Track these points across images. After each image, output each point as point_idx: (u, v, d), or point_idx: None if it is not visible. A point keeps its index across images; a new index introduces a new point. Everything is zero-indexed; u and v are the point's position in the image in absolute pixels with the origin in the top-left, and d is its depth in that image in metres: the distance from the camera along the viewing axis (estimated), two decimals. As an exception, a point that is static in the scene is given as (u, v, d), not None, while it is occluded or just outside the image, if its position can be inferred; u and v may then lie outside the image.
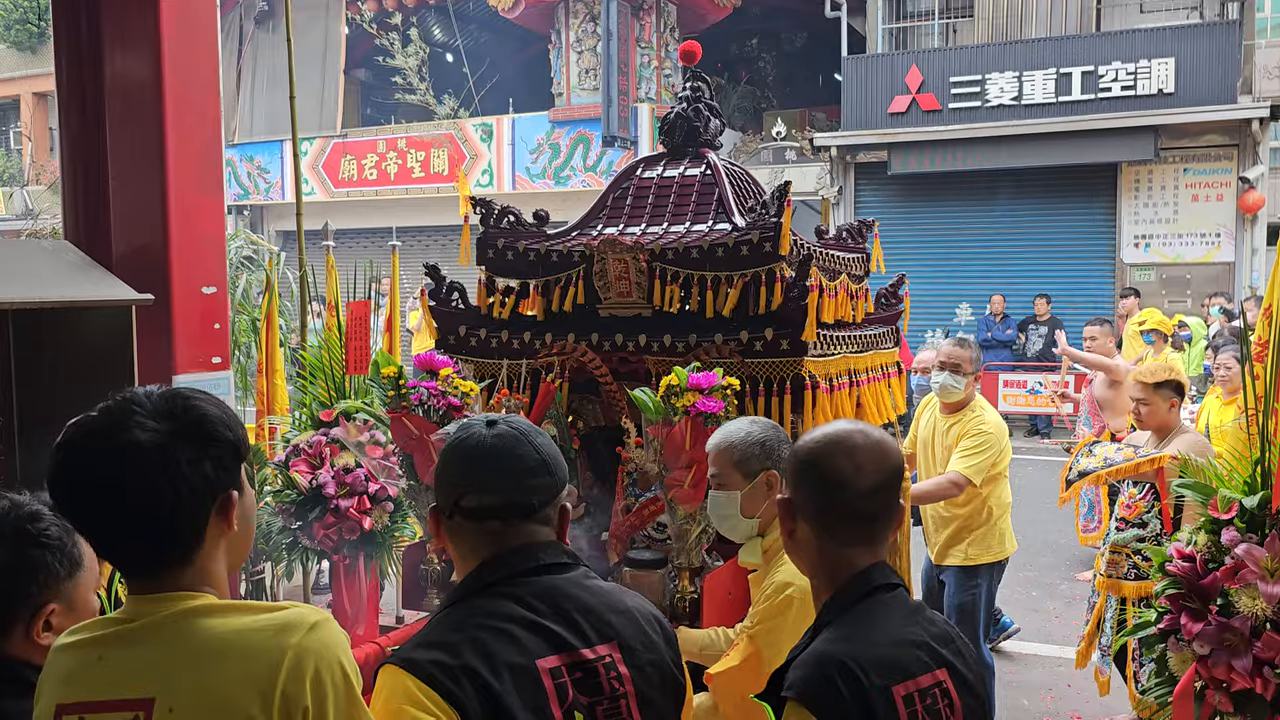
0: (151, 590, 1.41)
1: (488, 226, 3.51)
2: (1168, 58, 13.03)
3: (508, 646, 1.50)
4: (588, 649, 1.55)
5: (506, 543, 1.59)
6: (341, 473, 4.31)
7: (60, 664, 1.41)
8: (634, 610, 1.65)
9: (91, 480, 1.37)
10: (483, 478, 1.58)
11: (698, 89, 3.84)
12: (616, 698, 1.56)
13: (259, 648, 1.35)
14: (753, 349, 3.04)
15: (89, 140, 4.34)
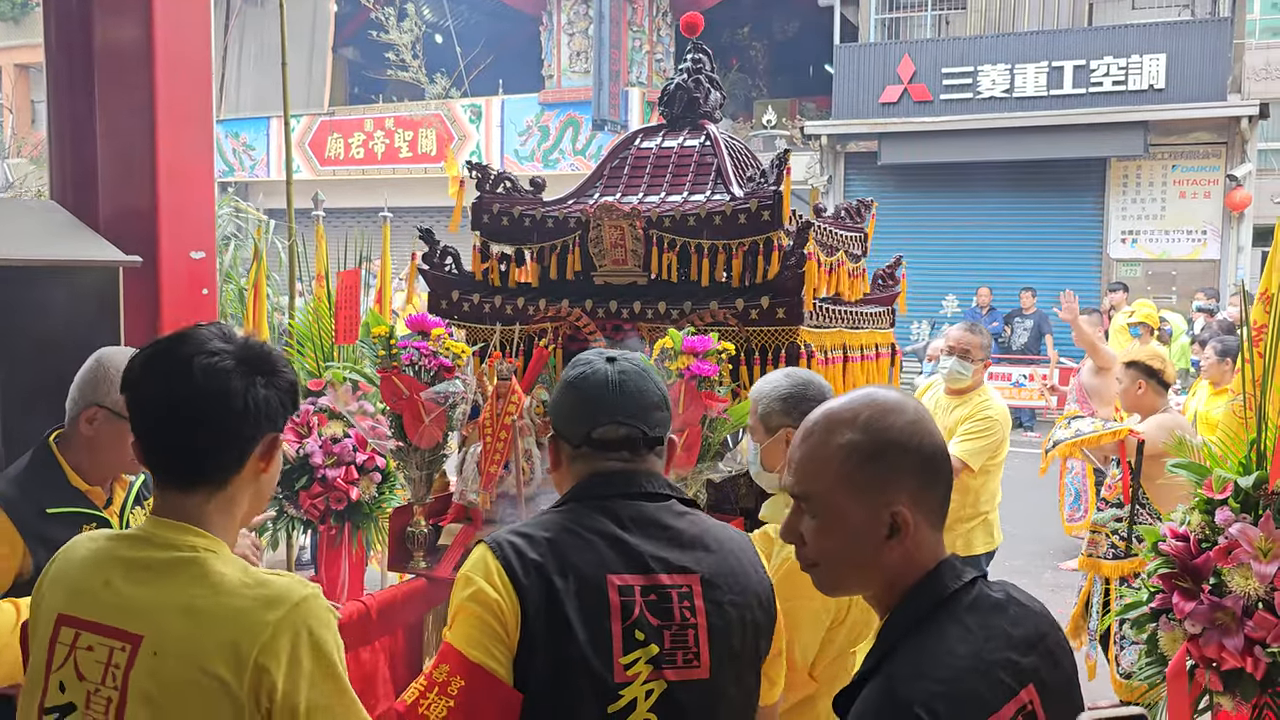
0: (174, 514, 1.49)
1: (483, 192, 3.46)
2: (1159, 53, 13.08)
3: (585, 555, 1.58)
4: (666, 575, 1.61)
5: (626, 470, 1.67)
6: (329, 442, 4.27)
7: (72, 571, 1.51)
8: (726, 551, 1.67)
9: (179, 387, 1.46)
10: (614, 412, 1.66)
11: (699, 60, 3.81)
12: (685, 627, 1.59)
13: (244, 617, 1.41)
14: (749, 317, 3.01)
15: (77, 100, 4.26)
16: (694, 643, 1.60)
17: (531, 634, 1.54)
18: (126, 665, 1.42)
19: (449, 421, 3.00)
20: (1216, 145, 13.45)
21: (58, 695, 1.46)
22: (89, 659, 1.44)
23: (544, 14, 16.64)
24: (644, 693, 1.56)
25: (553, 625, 1.54)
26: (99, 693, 1.42)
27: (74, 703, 1.45)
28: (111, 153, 4.24)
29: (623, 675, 1.55)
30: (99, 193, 4.23)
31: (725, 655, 1.61)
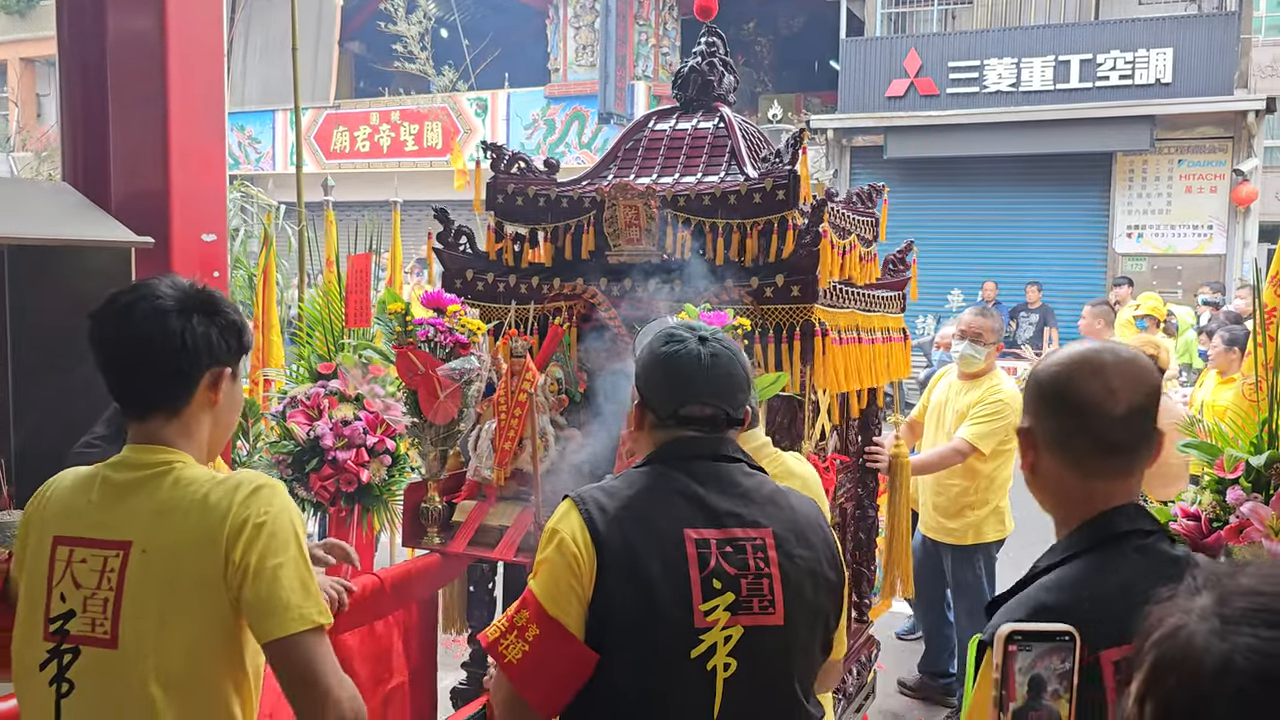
0: (143, 439, 1.70)
1: (498, 172, 3.47)
2: (1166, 48, 13.05)
3: (663, 509, 1.70)
4: (740, 529, 1.71)
5: (704, 439, 1.77)
6: (340, 425, 4.28)
7: (61, 497, 1.71)
8: (795, 510, 1.78)
9: (119, 325, 1.67)
10: (703, 392, 1.76)
11: (712, 44, 3.82)
12: (760, 576, 1.69)
13: (212, 507, 1.62)
14: (763, 295, 3.02)
15: (89, 84, 4.26)
16: (769, 591, 1.69)
17: (608, 586, 1.64)
18: (120, 568, 1.61)
19: (464, 398, 3.01)
20: (1223, 140, 13.43)
21: (59, 604, 1.64)
22: (84, 570, 1.63)
23: (550, 7, 16.64)
24: (723, 638, 1.65)
25: (632, 576, 1.64)
26: (95, 595, 1.62)
27: (73, 609, 1.63)
28: (124, 136, 4.25)
29: (702, 621, 1.65)
30: (111, 176, 4.24)
31: (798, 605, 1.71)
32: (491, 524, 3.05)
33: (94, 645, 1.61)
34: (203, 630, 1.60)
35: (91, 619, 1.62)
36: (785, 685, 1.72)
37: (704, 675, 1.65)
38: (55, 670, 1.63)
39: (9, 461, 3.98)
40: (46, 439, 4.06)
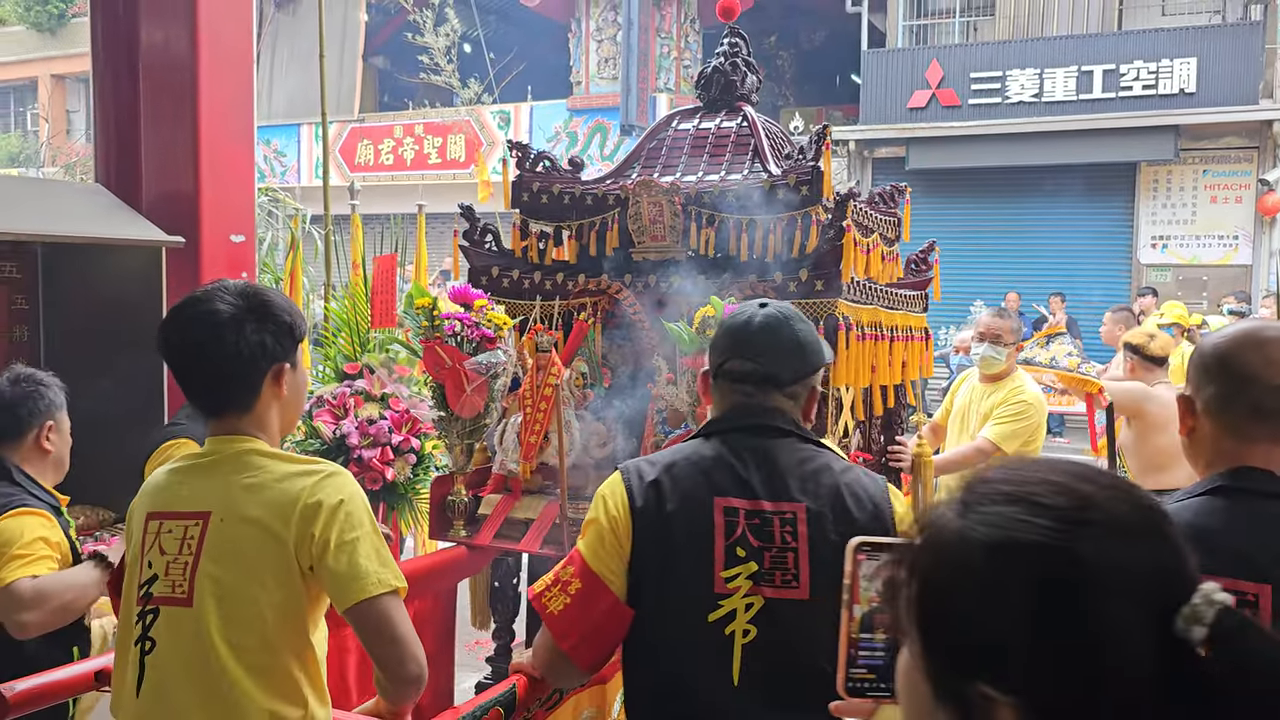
0: (221, 431, 1.87)
1: (523, 170, 3.51)
2: (1190, 57, 12.99)
3: (696, 479, 1.81)
4: (770, 502, 1.78)
5: (751, 404, 1.87)
6: (365, 424, 4.32)
7: (156, 482, 1.91)
8: (841, 486, 1.82)
9: (184, 334, 1.83)
10: (745, 349, 1.87)
11: (735, 44, 3.84)
12: (785, 550, 1.76)
13: (288, 484, 1.79)
14: (787, 289, 3.03)
15: (121, 85, 4.34)
16: (793, 565, 1.76)
17: (643, 548, 1.79)
18: (200, 535, 1.79)
19: (490, 391, 3.04)
20: (1248, 150, 13.34)
21: (147, 571, 1.82)
22: (169, 539, 1.81)
23: (573, 21, 16.75)
24: (744, 605, 1.75)
25: (661, 540, 1.78)
26: (176, 560, 1.79)
27: (157, 574, 1.80)
28: (155, 138, 4.33)
29: (722, 587, 1.75)
30: (142, 177, 4.32)
31: (826, 582, 1.71)
32: (517, 517, 3.07)
33: (172, 604, 1.78)
34: (266, 594, 1.76)
35: (172, 581, 1.78)
36: (809, 658, 1.72)
37: (722, 639, 1.74)
38: (140, 630, 1.79)
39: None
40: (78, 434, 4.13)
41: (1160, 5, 14.56)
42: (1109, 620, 0.76)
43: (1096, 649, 0.76)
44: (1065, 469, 0.84)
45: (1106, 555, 0.77)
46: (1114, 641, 0.76)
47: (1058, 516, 0.79)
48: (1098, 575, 0.76)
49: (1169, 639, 0.76)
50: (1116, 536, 0.78)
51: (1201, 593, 0.76)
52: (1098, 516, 0.79)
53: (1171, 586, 0.78)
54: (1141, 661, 0.75)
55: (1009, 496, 0.82)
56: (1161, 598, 0.77)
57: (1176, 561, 0.80)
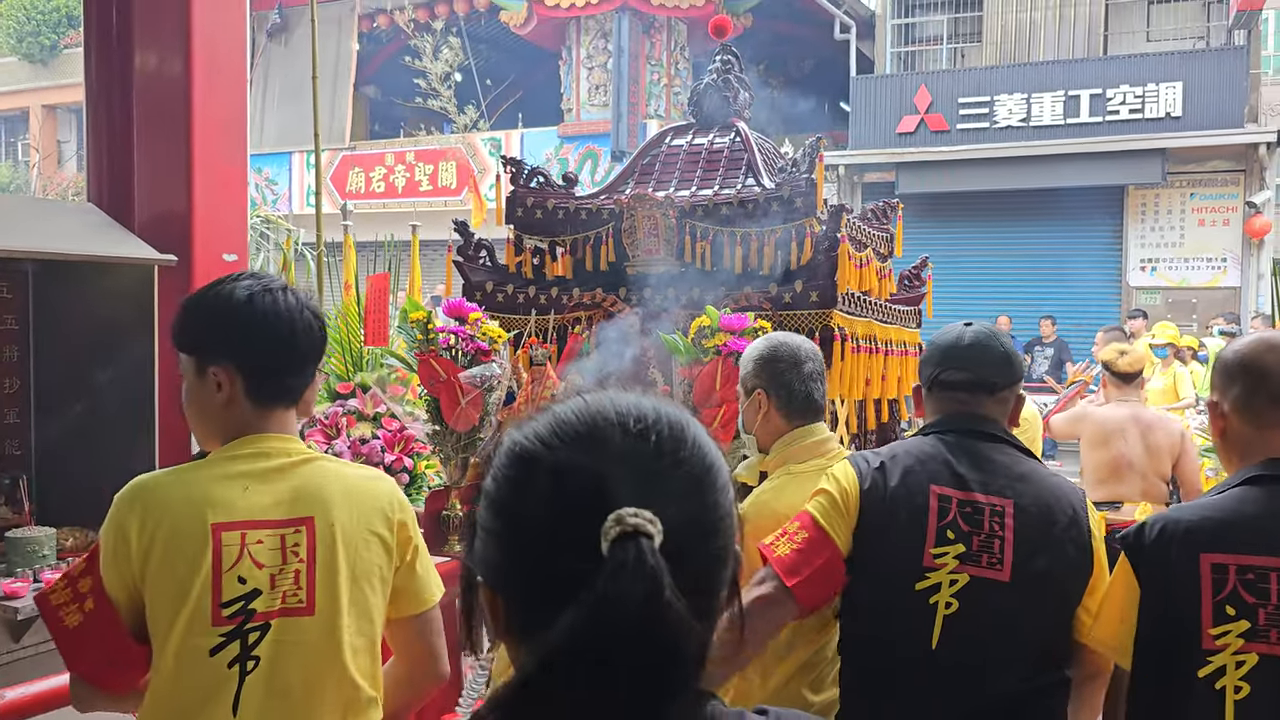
0: (268, 426, 1.78)
1: (517, 186, 3.51)
2: (1175, 81, 13.12)
3: (915, 468, 2.07)
4: (982, 494, 2.02)
5: (964, 410, 2.12)
6: (358, 443, 4.29)
7: (189, 491, 1.71)
8: (1046, 490, 2.05)
9: (269, 310, 1.76)
10: (958, 361, 2.12)
11: (727, 62, 3.87)
12: (993, 537, 2.00)
13: (378, 490, 1.83)
14: (782, 301, 3.04)
15: (115, 106, 4.34)
16: (999, 550, 1.99)
17: (867, 520, 2.06)
18: (309, 542, 1.72)
19: (485, 404, 3.02)
20: (1235, 173, 13.45)
21: (238, 587, 1.69)
22: (263, 550, 1.70)
23: (564, 49, 16.85)
24: (948, 579, 1.99)
25: (882, 515, 2.04)
26: (284, 570, 1.71)
27: (258, 588, 1.69)
28: (148, 158, 4.31)
29: (930, 561, 2.00)
30: (135, 197, 4.30)
31: (1029, 570, 1.98)
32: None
33: (291, 615, 1.71)
34: (377, 597, 1.78)
35: (283, 592, 1.71)
36: (1008, 637, 1.98)
37: (926, 607, 1.99)
38: (238, 650, 1.68)
39: (30, 477, 4.00)
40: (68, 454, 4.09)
41: (1145, 31, 14.72)
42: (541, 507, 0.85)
43: (531, 540, 0.85)
44: (609, 399, 0.90)
45: (554, 457, 0.85)
46: (545, 533, 0.84)
47: (539, 427, 0.89)
48: (541, 475, 0.85)
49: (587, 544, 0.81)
50: (570, 445, 0.86)
51: (615, 515, 0.80)
52: (557, 430, 0.87)
53: (602, 500, 0.82)
54: (571, 560, 0.81)
55: (532, 419, 0.91)
56: (592, 510, 0.81)
57: (609, 482, 0.84)
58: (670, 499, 0.84)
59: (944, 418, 2.14)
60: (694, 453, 0.88)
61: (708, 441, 0.90)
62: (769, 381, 2.46)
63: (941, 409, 2.16)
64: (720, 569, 0.88)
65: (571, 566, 0.80)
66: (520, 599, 0.87)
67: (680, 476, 0.86)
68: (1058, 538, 2.00)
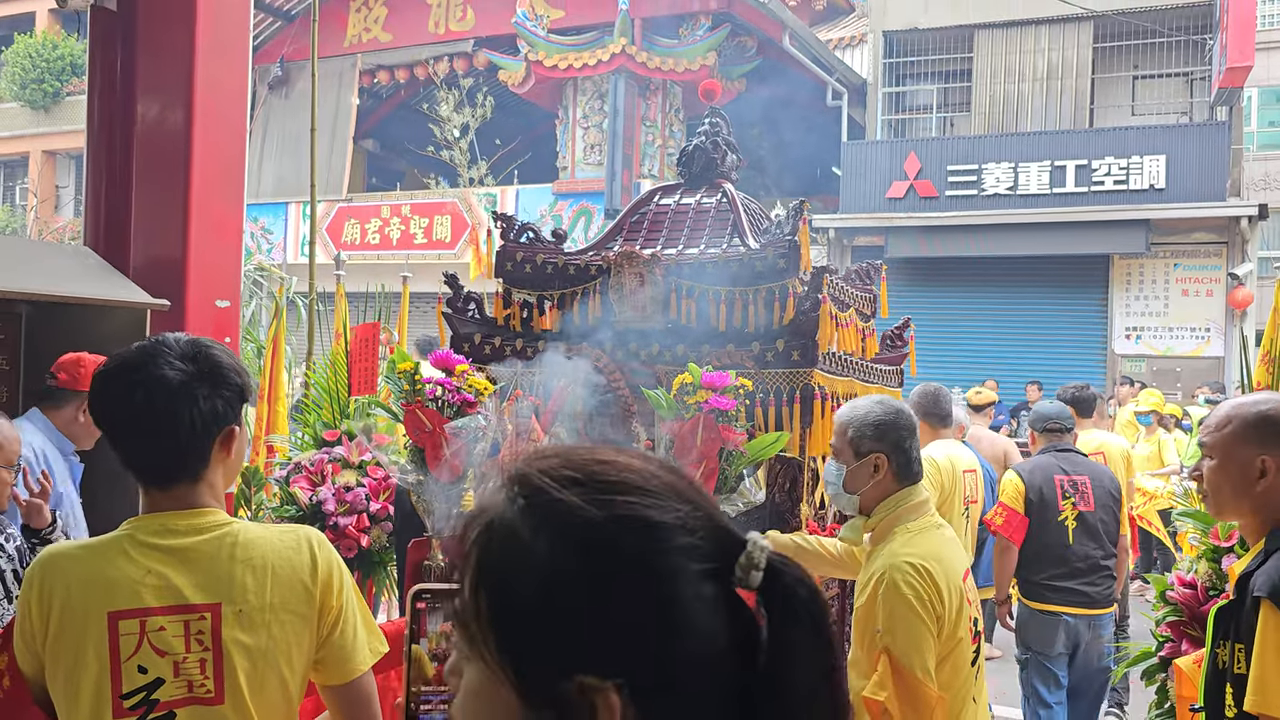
0: (174, 504, 1.72)
1: (507, 240, 3.58)
2: (1159, 154, 13.38)
3: (1046, 468, 4.97)
4: (1078, 476, 4.94)
5: (1060, 443, 5.16)
6: (342, 490, 4.31)
7: (91, 575, 1.65)
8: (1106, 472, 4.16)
9: (129, 403, 1.67)
10: (1053, 423, 5.17)
11: (716, 124, 3.97)
12: (1084, 493, 4.91)
13: (295, 559, 1.74)
14: (765, 359, 3.09)
15: (115, 153, 4.42)
16: (1088, 499, 4.85)
17: (1029, 496, 4.82)
18: (214, 629, 1.65)
19: (470, 455, 3.05)
20: (1218, 244, 13.67)
21: (139, 677, 1.63)
22: (164, 637, 1.64)
23: (560, 109, 17.12)
24: (1072, 515, 4.77)
25: (1037, 493, 4.83)
26: (188, 659, 1.65)
27: (161, 677, 1.64)
28: (145, 204, 4.39)
29: (1059, 507, 4.80)
30: (131, 242, 4.37)
31: (1106, 508, 4.89)
32: (492, 581, 3.06)
33: (194, 704, 1.65)
34: (293, 676, 1.72)
35: (188, 681, 1.65)
36: (1103, 537, 4.83)
37: (1061, 526, 4.78)
38: None
39: (16, 519, 4.01)
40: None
41: (1130, 105, 15.05)
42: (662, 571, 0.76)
43: (657, 605, 0.75)
44: (610, 451, 0.84)
45: (644, 516, 0.77)
46: (673, 594, 0.75)
47: (592, 486, 0.79)
48: (642, 535, 0.77)
49: (732, 598, 0.76)
50: (651, 499, 0.79)
51: (751, 540, 0.76)
52: (631, 484, 0.79)
53: (722, 542, 0.78)
54: (707, 616, 0.75)
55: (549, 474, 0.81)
56: (714, 553, 0.77)
57: (715, 519, 0.80)
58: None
59: (1047, 446, 5.04)
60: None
61: None
62: (890, 446, 2.55)
63: (1045, 441, 5.10)
64: None
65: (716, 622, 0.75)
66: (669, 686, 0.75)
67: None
68: (1106, 492, 4.86)
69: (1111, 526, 4.83)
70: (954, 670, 2.43)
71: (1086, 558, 4.75)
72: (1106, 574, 4.80)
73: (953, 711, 2.42)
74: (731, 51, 16.21)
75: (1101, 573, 4.78)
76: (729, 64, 16.20)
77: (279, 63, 18.83)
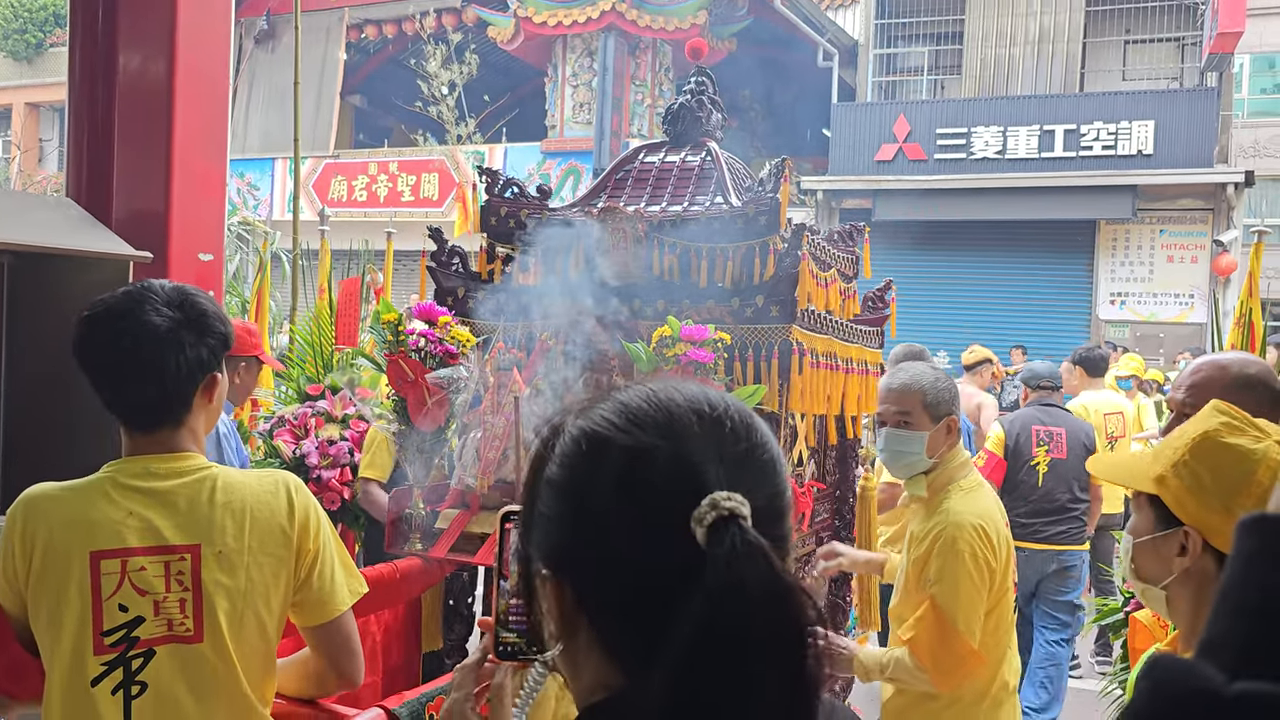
0: (157, 448, 1.76)
1: (491, 195, 3.58)
2: (1148, 120, 13.39)
3: (1026, 419, 5.45)
4: (1057, 428, 5.36)
5: (1043, 398, 5.65)
6: (326, 444, 4.34)
7: (74, 515, 1.69)
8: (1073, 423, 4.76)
9: (115, 348, 1.71)
10: (1044, 380, 5.54)
11: (701, 82, 3.96)
12: (1060, 443, 5.41)
13: (278, 504, 1.78)
14: (744, 315, 3.12)
15: (97, 105, 4.38)
16: (1065, 446, 5.33)
17: (1009, 445, 5.39)
18: (194, 570, 1.69)
19: (451, 407, 3.08)
20: (1204, 211, 13.72)
21: (119, 615, 1.67)
22: (145, 576, 1.68)
23: (549, 66, 16.99)
24: (1045, 462, 5.23)
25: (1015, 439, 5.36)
26: (167, 598, 1.68)
27: (141, 615, 1.68)
28: (127, 156, 4.36)
29: (1035, 456, 5.28)
30: (113, 194, 4.34)
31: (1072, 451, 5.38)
32: (474, 531, 3.10)
33: (176, 642, 1.68)
34: (271, 617, 1.75)
35: (168, 619, 1.68)
36: (1073, 484, 5.27)
37: (1033, 470, 5.23)
38: (121, 677, 1.66)
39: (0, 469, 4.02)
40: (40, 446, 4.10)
41: (1121, 70, 15.01)
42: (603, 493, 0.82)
43: (593, 522, 0.83)
44: (662, 384, 0.89)
45: (608, 439, 0.83)
46: (611, 517, 0.82)
47: (608, 413, 0.86)
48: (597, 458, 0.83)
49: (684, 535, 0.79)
50: (651, 430, 0.83)
51: (710, 498, 0.79)
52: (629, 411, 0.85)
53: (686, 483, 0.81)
54: (643, 543, 0.80)
55: (594, 406, 0.88)
56: (672, 491, 0.80)
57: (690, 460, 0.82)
58: (752, 483, 0.83)
59: (1033, 399, 5.47)
60: (765, 438, 0.88)
61: (769, 431, 0.90)
62: (957, 408, 2.80)
63: (1034, 397, 5.40)
64: (785, 556, 0.86)
65: (664, 552, 0.78)
66: (600, 587, 0.83)
67: (757, 460, 0.86)
68: (1082, 441, 5.17)
69: (1083, 475, 5.20)
70: (999, 620, 2.63)
71: (1053, 500, 5.27)
72: (1073, 516, 5.30)
73: (994, 659, 2.61)
74: (722, 10, 16.09)
75: (1068, 514, 5.28)
76: (720, 23, 16.08)
77: (265, 16, 18.61)
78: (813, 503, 3.58)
